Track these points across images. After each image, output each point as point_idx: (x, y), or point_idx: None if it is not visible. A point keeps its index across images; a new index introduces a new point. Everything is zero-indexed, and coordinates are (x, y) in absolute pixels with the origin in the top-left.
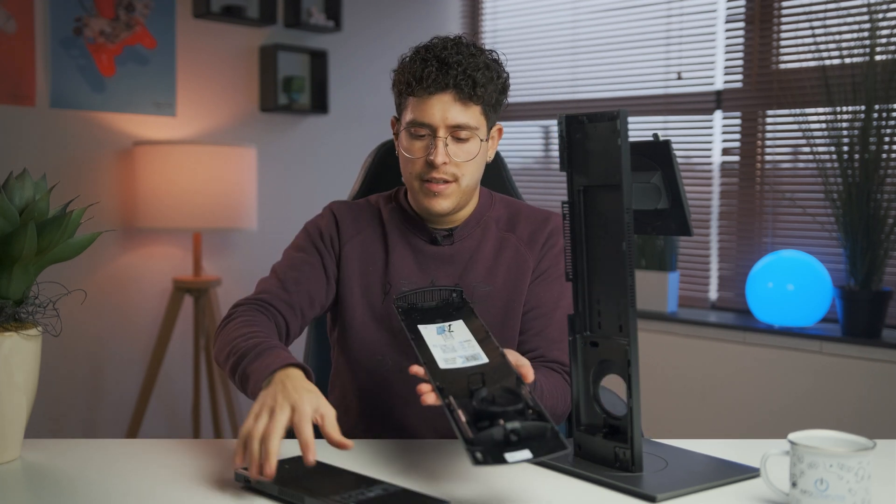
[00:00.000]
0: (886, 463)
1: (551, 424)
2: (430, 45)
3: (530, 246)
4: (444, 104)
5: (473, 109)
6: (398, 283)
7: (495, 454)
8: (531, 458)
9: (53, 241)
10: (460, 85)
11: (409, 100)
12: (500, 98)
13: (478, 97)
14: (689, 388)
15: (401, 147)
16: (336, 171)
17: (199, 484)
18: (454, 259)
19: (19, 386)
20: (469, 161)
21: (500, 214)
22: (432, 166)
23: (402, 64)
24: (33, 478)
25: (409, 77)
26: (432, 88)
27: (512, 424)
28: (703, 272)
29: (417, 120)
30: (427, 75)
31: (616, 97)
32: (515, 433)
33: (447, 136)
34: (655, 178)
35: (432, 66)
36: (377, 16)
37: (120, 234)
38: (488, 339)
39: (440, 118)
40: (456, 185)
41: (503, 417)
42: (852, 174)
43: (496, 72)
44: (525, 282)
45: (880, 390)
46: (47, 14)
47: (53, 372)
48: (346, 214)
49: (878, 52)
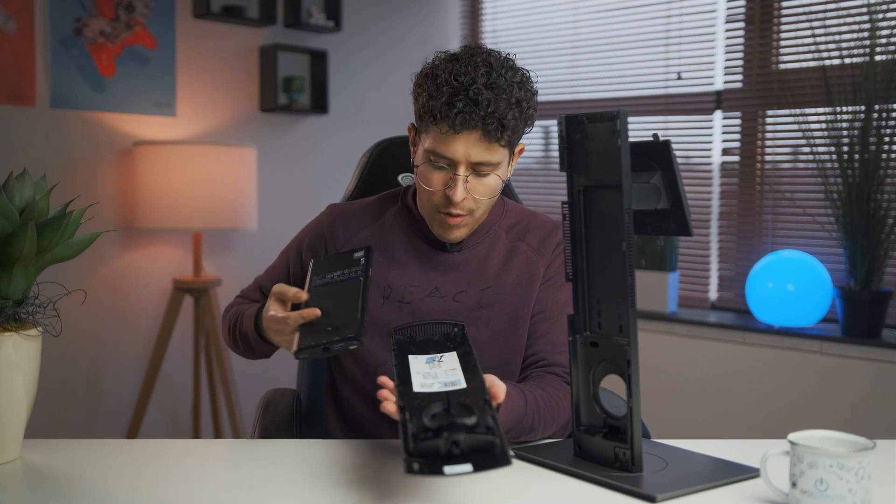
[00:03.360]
0: (886, 463)
1: (500, 440)
2: (458, 70)
3: (540, 253)
4: (468, 143)
5: (498, 148)
6: (400, 289)
7: (434, 465)
8: (471, 471)
9: (53, 241)
10: (488, 127)
11: (432, 128)
12: (526, 129)
13: (504, 140)
14: (689, 388)
15: (418, 174)
16: (336, 172)
17: (199, 484)
18: (461, 266)
19: (19, 386)
20: (488, 198)
21: (512, 223)
22: (450, 201)
23: (427, 81)
24: (33, 478)
25: (433, 107)
26: (459, 128)
27: (455, 436)
28: (703, 272)
29: (439, 152)
30: (454, 114)
31: (616, 97)
32: (457, 445)
33: (468, 172)
34: (655, 179)
35: (460, 102)
36: (377, 16)
37: (120, 234)
38: (475, 368)
39: (463, 155)
40: (470, 217)
41: (448, 430)
42: (852, 174)
43: (526, 103)
44: (534, 288)
45: (880, 390)
46: (47, 14)
47: (53, 372)
48: (343, 217)
49: (878, 52)
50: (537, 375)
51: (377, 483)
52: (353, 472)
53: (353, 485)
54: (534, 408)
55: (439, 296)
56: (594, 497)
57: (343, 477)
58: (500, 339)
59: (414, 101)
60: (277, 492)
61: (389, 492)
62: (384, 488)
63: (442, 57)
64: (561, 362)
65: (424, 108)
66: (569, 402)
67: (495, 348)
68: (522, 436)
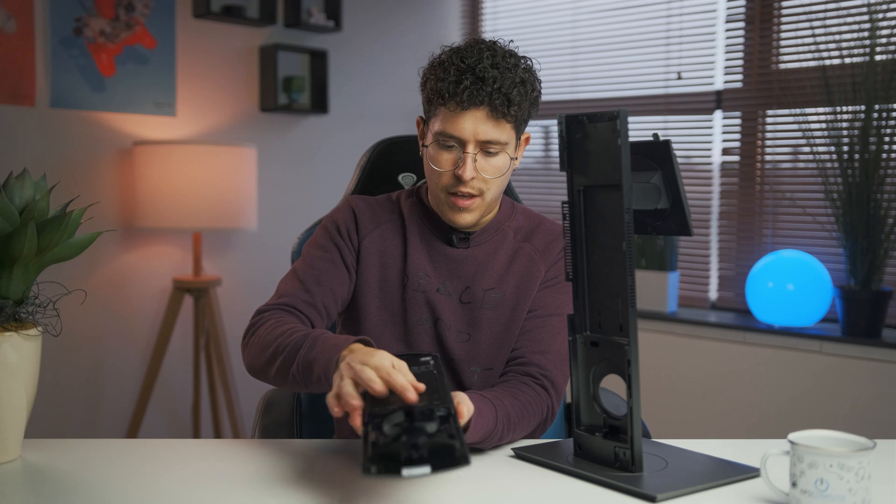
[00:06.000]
0: (886, 463)
1: (459, 443)
2: (464, 54)
3: (544, 255)
4: (476, 120)
5: (505, 125)
6: (415, 277)
7: (391, 467)
8: (429, 472)
9: (53, 241)
10: (494, 103)
11: (441, 109)
12: (532, 111)
13: (511, 115)
14: (689, 388)
15: (428, 156)
16: (336, 171)
17: (199, 484)
18: (467, 262)
19: (19, 386)
20: (496, 177)
21: (520, 225)
22: (460, 180)
23: (434, 68)
24: (33, 478)
25: (442, 87)
26: (466, 104)
27: (414, 440)
28: (703, 272)
29: (448, 132)
30: (461, 91)
31: (616, 97)
32: (416, 448)
33: (476, 151)
34: (655, 178)
35: (467, 80)
36: (377, 16)
37: (120, 234)
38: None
39: (471, 133)
40: (481, 200)
41: (408, 434)
42: (852, 174)
43: (531, 85)
44: (533, 289)
45: (880, 390)
46: (47, 14)
47: (53, 372)
48: (365, 208)
49: (878, 52)
50: (512, 378)
51: (377, 483)
52: (353, 472)
53: (353, 484)
54: (504, 420)
55: (446, 293)
56: (594, 497)
57: (343, 477)
58: (499, 340)
59: (422, 91)
60: (277, 492)
61: (390, 492)
62: (385, 488)
63: (448, 48)
64: (539, 363)
65: (433, 91)
66: (540, 408)
67: (494, 349)
68: (488, 446)
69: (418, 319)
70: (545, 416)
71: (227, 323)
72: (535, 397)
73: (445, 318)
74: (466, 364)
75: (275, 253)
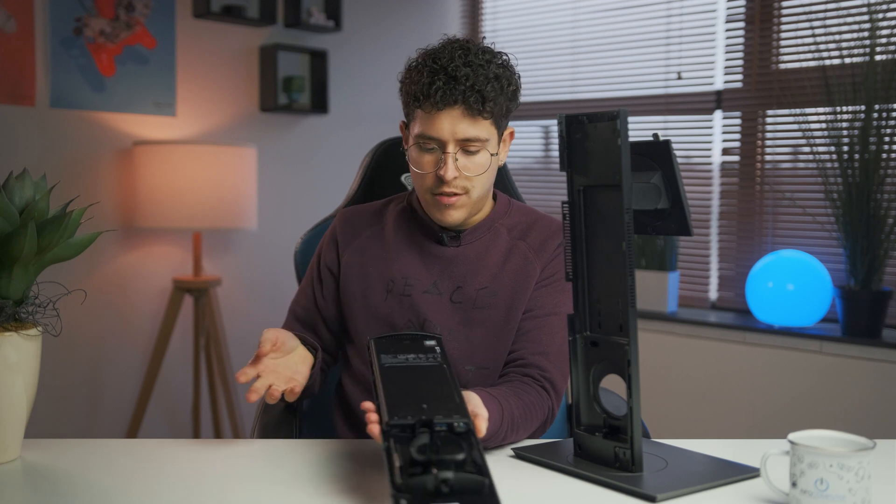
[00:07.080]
0: (886, 463)
1: (489, 480)
2: (437, 55)
3: (539, 253)
4: (452, 119)
5: (483, 122)
6: (400, 281)
7: (421, 501)
8: None
9: (53, 241)
10: (469, 101)
11: (417, 112)
12: (510, 106)
13: (487, 112)
14: (689, 388)
15: (410, 159)
16: (336, 171)
17: (199, 484)
18: (459, 261)
19: (19, 386)
20: (479, 174)
21: (515, 223)
22: (443, 181)
23: (410, 72)
24: (33, 478)
25: (416, 90)
26: (441, 104)
27: (445, 475)
28: (703, 272)
29: (426, 134)
30: (434, 91)
31: (616, 97)
32: (447, 484)
33: (457, 150)
34: (655, 178)
35: (440, 80)
36: (377, 16)
37: (120, 234)
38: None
39: (449, 133)
40: (466, 197)
41: (438, 466)
42: (852, 174)
43: (506, 80)
44: (529, 288)
45: (880, 390)
46: (47, 14)
47: (53, 372)
48: (346, 224)
49: (878, 52)
50: (514, 379)
51: (378, 483)
52: (354, 472)
53: (353, 484)
54: (509, 420)
55: (437, 292)
56: (594, 497)
57: (344, 477)
58: (493, 339)
59: (400, 96)
60: (277, 492)
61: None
62: (385, 488)
63: (422, 51)
64: (539, 364)
65: (409, 94)
66: (542, 409)
67: (489, 349)
68: (491, 447)
69: (405, 323)
70: (546, 417)
71: (227, 323)
72: (537, 398)
73: (433, 319)
74: (460, 363)
75: (275, 253)
